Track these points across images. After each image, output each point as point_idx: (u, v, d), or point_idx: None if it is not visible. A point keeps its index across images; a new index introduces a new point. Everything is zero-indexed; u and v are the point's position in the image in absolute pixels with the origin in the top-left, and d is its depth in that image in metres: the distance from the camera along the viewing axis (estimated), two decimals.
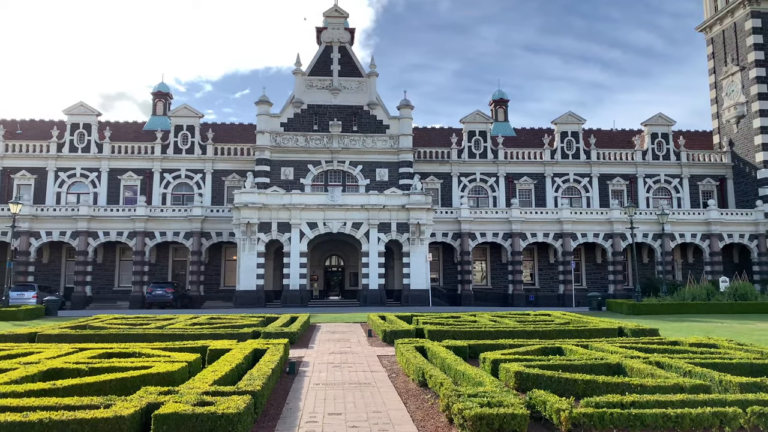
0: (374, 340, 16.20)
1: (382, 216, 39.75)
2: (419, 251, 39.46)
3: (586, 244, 47.07)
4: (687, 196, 50.36)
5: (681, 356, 9.84)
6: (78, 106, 47.49)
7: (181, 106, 48.34)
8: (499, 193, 48.71)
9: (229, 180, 47.23)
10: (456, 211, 44.50)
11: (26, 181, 46.65)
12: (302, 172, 44.59)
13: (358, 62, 46.23)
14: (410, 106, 45.22)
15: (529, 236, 44.90)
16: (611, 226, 45.43)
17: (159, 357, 9.64)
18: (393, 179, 44.74)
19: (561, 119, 50.34)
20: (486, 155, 49.09)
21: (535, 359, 9.63)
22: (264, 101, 44.57)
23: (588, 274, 48.45)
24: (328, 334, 18.16)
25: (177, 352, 10.26)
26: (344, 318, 24.20)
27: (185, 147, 47.50)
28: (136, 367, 8.47)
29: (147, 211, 42.99)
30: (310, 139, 44.73)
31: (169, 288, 39.30)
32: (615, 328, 15.58)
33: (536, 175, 49.54)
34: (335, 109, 45.28)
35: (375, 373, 10.67)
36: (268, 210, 39.08)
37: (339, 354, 13.45)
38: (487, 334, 14.56)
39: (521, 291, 44.55)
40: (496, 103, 55.47)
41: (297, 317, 19.64)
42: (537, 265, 48.30)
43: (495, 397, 6.58)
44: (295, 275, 38.85)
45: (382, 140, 45.10)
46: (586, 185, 49.88)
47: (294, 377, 10.33)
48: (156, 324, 16.57)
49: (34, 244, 42.65)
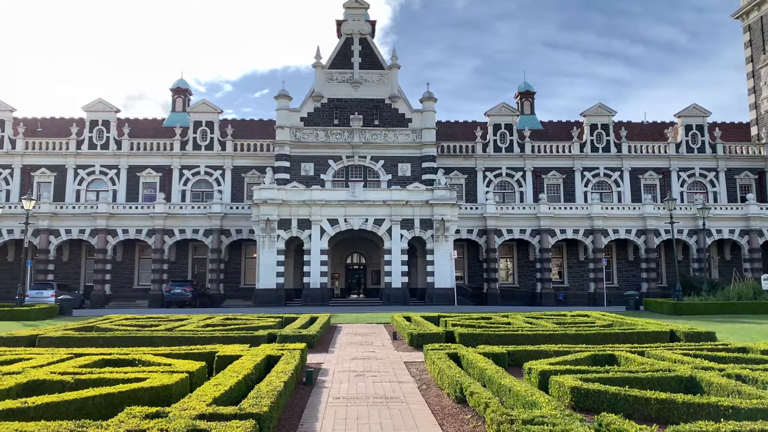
0: (400, 344, 14.93)
1: (405, 212, 38.43)
2: (444, 248, 38.06)
3: (617, 241, 45.16)
4: (723, 190, 48.08)
5: (763, 367, 8.38)
6: (97, 102, 46.99)
7: (200, 102, 47.60)
8: (526, 188, 47.02)
9: (249, 176, 46.32)
10: (481, 206, 42.97)
11: (46, 179, 46.31)
12: (323, 167, 43.46)
13: (380, 54, 44.93)
14: (433, 99, 43.79)
15: (557, 233, 43.20)
16: (644, 222, 43.50)
17: (159, 366, 8.49)
18: (416, 174, 43.36)
19: (590, 111, 48.47)
20: (512, 149, 47.44)
21: (590, 370, 8.27)
22: (284, 95, 43.51)
23: (619, 272, 46.53)
24: (349, 336, 16.94)
25: (181, 360, 9.10)
26: (366, 318, 22.97)
27: (204, 143, 46.72)
28: (128, 379, 7.32)
29: (166, 209, 42.27)
30: (330, 133, 43.56)
31: (188, 286, 38.51)
32: (666, 331, 14.08)
33: (565, 169, 47.74)
34: (356, 103, 44.04)
35: (403, 385, 9.39)
36: (287, 206, 38.02)
37: (362, 360, 12.20)
38: (525, 338, 13.19)
39: (550, 290, 42.87)
40: (522, 96, 53.73)
41: (317, 318, 18.47)
42: (566, 262, 46.55)
43: (558, 424, 5.26)
44: (316, 273, 37.74)
45: (404, 134, 43.74)
46: (616, 179, 47.92)
47: (311, 389, 9.10)
48: (166, 326, 15.51)
49: (54, 242, 42.22)
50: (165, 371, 7.92)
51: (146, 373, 7.57)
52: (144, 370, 7.88)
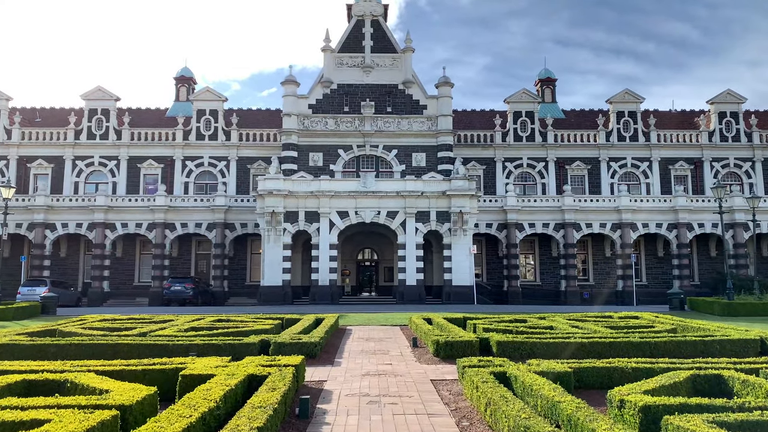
0: (422, 352, 12.30)
1: (420, 204, 35.78)
2: (462, 243, 35.34)
3: (646, 236, 42.18)
4: (761, 181, 44.88)
5: None
6: (96, 90, 44.71)
7: (203, 89, 45.18)
8: (548, 180, 44.12)
9: (255, 168, 43.82)
10: (501, 199, 40.17)
11: (43, 171, 44.15)
12: (332, 157, 40.87)
13: (392, 37, 42.20)
14: (450, 84, 41.03)
15: (583, 227, 40.30)
16: (676, 215, 40.48)
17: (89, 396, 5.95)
18: (431, 164, 40.64)
19: (616, 97, 45.49)
20: (533, 138, 44.55)
21: (715, 406, 5.62)
22: (291, 81, 40.95)
23: (648, 269, 43.52)
24: (361, 342, 14.35)
25: (127, 383, 6.55)
26: (380, 319, 20.37)
27: (208, 133, 44.30)
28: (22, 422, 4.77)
29: (167, 201, 39.93)
30: (340, 121, 40.94)
31: (189, 283, 36.09)
32: (754, 339, 11.33)
33: (590, 159, 44.78)
34: (367, 89, 41.37)
35: (435, 420, 6.76)
36: (294, 198, 35.50)
37: (376, 376, 9.59)
38: (581, 348, 10.49)
39: (575, 287, 40.02)
40: (543, 83, 50.82)
41: (323, 319, 15.91)
42: (591, 258, 43.65)
43: None
44: (325, 269, 35.19)
45: (418, 122, 41.02)
46: (645, 170, 44.88)
47: (306, 426, 6.51)
48: (142, 329, 12.97)
49: (50, 236, 40.02)
50: (89, 405, 5.37)
51: (52, 413, 5.00)
52: (57, 409, 5.30)
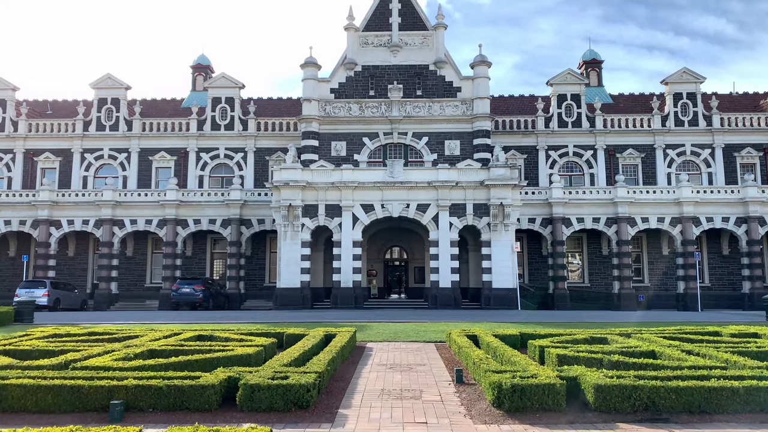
0: (471, 396, 8.35)
1: (455, 195, 31.76)
2: (503, 239, 31.19)
3: (709, 231, 37.35)
4: None
5: None
6: (105, 78, 41.88)
7: (219, 75, 41.94)
8: (597, 170, 39.59)
9: (274, 159, 40.33)
10: (545, 191, 35.88)
11: (50, 165, 41.53)
12: (356, 146, 37.15)
13: (422, 12, 38.24)
14: (487, 63, 36.89)
15: (638, 221, 35.75)
16: (745, 208, 35.65)
17: None
18: (466, 153, 36.56)
19: (673, 78, 40.71)
20: (580, 124, 40.06)
21: None
22: (311, 63, 37.35)
23: (711, 268, 38.67)
24: (382, 371, 10.50)
25: None
26: (409, 333, 16.48)
27: (224, 122, 41.06)
28: None
29: (178, 196, 36.78)
30: (365, 107, 37.18)
31: (198, 285, 32.78)
32: None
33: (643, 146, 40.07)
34: (395, 70, 37.51)
35: None
36: (313, 189, 31.87)
37: None
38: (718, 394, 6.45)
39: (630, 290, 35.47)
40: (587, 65, 46.29)
41: (334, 336, 12.12)
42: (645, 257, 39.02)
43: None
44: (348, 270, 31.43)
45: (452, 106, 36.97)
46: (706, 158, 39.99)
47: None
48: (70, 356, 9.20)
49: (55, 234, 37.25)
50: None
51: None
52: None
